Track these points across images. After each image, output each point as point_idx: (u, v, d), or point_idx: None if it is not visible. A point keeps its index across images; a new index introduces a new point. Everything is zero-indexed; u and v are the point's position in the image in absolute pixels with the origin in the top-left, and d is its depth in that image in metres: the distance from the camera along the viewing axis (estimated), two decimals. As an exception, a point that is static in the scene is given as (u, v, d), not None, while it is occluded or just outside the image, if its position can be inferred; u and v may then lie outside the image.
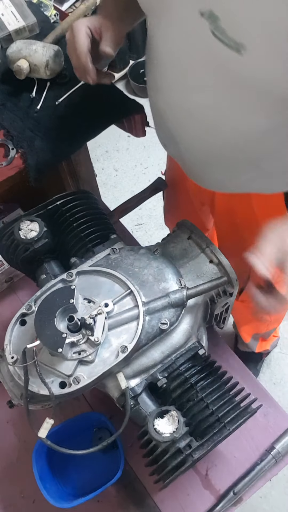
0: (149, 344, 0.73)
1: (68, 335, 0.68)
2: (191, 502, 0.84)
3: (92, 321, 0.69)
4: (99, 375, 0.68)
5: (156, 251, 0.81)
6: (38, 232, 0.82)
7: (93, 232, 0.84)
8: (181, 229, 0.84)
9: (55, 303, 0.70)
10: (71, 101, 1.01)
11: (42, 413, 0.70)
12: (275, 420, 0.89)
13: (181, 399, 0.73)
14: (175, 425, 0.68)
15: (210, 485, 0.85)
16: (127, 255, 0.80)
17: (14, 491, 0.87)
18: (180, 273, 0.78)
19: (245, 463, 0.85)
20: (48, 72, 1.01)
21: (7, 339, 0.72)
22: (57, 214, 0.86)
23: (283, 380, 1.77)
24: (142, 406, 0.72)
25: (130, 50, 2.47)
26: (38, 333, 0.68)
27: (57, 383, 0.68)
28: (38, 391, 0.68)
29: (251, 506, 1.54)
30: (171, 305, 0.74)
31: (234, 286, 0.77)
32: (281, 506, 1.56)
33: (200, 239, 0.80)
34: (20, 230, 0.83)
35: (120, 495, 0.85)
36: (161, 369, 0.74)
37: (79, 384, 0.67)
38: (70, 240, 0.84)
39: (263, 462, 0.84)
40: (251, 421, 0.75)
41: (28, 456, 0.89)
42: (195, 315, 0.78)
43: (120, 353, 0.69)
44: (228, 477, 0.85)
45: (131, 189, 2.25)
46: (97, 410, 0.92)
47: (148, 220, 2.17)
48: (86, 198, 0.89)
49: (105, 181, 2.30)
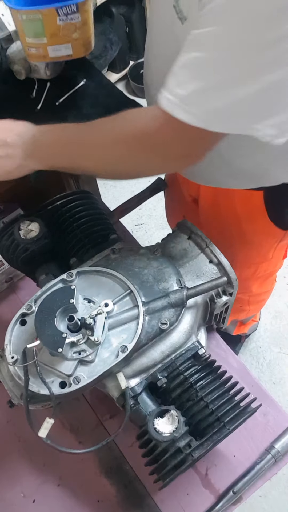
0: (149, 344, 0.73)
1: (68, 335, 0.68)
2: (191, 501, 0.84)
3: (92, 321, 0.69)
4: (99, 375, 0.68)
5: (156, 251, 0.81)
6: (38, 232, 0.82)
7: (93, 232, 0.84)
8: (181, 229, 0.84)
9: (55, 303, 0.70)
10: (71, 102, 1.01)
11: (42, 413, 0.70)
12: (274, 420, 0.89)
13: (181, 398, 0.73)
14: (175, 425, 0.68)
15: (209, 485, 0.85)
16: (127, 255, 0.80)
17: (14, 491, 0.87)
18: (180, 273, 0.78)
19: (244, 463, 0.86)
20: (48, 73, 1.01)
21: (7, 339, 0.72)
22: (57, 214, 0.86)
23: (282, 380, 1.77)
24: (142, 406, 0.72)
25: (130, 50, 2.47)
26: (38, 333, 0.68)
27: (57, 383, 0.68)
28: (38, 391, 0.68)
29: (251, 505, 1.54)
30: (171, 305, 0.74)
31: (234, 286, 0.77)
32: (281, 505, 1.56)
33: (200, 239, 0.81)
34: (20, 230, 0.83)
35: (120, 495, 0.85)
36: (161, 368, 0.75)
37: (79, 384, 0.68)
38: (70, 240, 0.84)
39: (262, 462, 0.84)
40: (251, 420, 0.76)
41: (28, 456, 0.89)
42: (195, 315, 0.78)
43: (120, 353, 0.69)
44: (227, 477, 0.85)
45: (131, 189, 2.24)
46: (97, 410, 0.92)
47: (148, 220, 2.17)
48: (86, 198, 0.89)
49: (105, 181, 2.29)
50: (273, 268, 1.19)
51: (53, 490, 0.86)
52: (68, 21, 0.85)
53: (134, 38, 2.41)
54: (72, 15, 0.85)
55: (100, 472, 0.87)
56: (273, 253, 1.08)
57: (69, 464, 0.88)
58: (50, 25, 0.85)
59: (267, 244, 1.04)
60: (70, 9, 0.84)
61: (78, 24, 0.87)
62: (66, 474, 0.88)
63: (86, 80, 1.04)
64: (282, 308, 1.90)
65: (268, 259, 1.10)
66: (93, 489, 0.86)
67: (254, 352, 1.83)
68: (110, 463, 0.87)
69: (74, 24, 0.86)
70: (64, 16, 0.84)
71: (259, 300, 1.38)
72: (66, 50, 0.90)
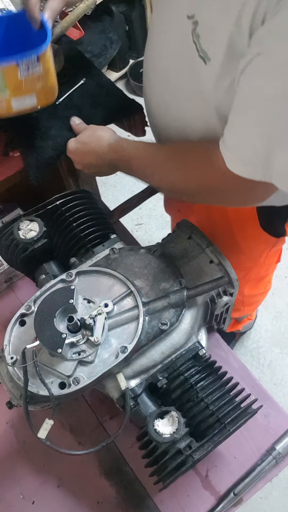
0: (149, 344, 0.73)
1: (68, 336, 0.67)
2: (191, 503, 0.84)
3: (92, 321, 0.69)
4: (99, 376, 0.68)
5: (156, 251, 0.80)
6: (37, 232, 0.82)
7: (93, 232, 0.83)
8: (181, 229, 0.84)
9: (54, 303, 0.70)
10: (71, 101, 1.01)
11: (42, 413, 0.70)
12: (275, 421, 0.89)
13: (181, 399, 0.73)
14: (175, 426, 0.68)
15: (210, 486, 0.84)
16: (127, 255, 0.80)
17: (14, 492, 0.87)
18: (181, 273, 0.78)
19: (245, 464, 0.85)
20: (47, 72, 1.00)
21: (7, 340, 0.72)
22: (56, 214, 0.86)
23: (283, 381, 1.76)
24: (142, 407, 0.72)
25: (130, 49, 2.47)
26: (37, 334, 0.67)
27: (56, 383, 0.68)
28: (38, 391, 0.67)
29: (252, 507, 1.54)
30: (171, 305, 0.74)
31: (234, 286, 0.77)
32: (282, 507, 1.56)
33: (200, 239, 0.80)
34: (19, 230, 0.82)
35: (120, 496, 0.85)
36: (161, 369, 0.74)
37: (79, 385, 0.67)
38: (70, 240, 0.84)
39: (263, 463, 0.84)
40: (252, 421, 0.75)
41: (27, 457, 0.89)
42: (195, 316, 0.78)
43: (120, 354, 0.69)
44: (228, 478, 0.85)
45: (131, 189, 2.24)
46: (97, 410, 0.91)
47: (148, 220, 2.16)
48: (86, 198, 0.89)
49: (105, 180, 2.29)
50: (265, 272, 1.19)
51: (52, 491, 0.86)
52: (29, 75, 0.80)
53: (134, 36, 2.41)
54: (33, 68, 0.79)
55: (100, 473, 0.87)
56: (264, 259, 1.08)
57: (69, 465, 0.87)
58: (11, 80, 0.80)
59: (258, 250, 1.04)
60: (31, 62, 0.78)
61: (41, 75, 0.82)
62: (66, 475, 0.87)
63: (86, 79, 1.03)
64: (283, 308, 1.90)
65: (259, 264, 1.10)
66: (92, 490, 0.86)
67: (255, 352, 1.83)
68: (110, 464, 0.87)
69: (36, 76, 0.81)
70: (26, 70, 0.79)
71: (253, 302, 1.39)
72: (30, 101, 0.85)
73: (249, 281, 1.18)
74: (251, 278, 1.16)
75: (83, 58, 1.08)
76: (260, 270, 1.14)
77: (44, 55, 0.79)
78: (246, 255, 1.04)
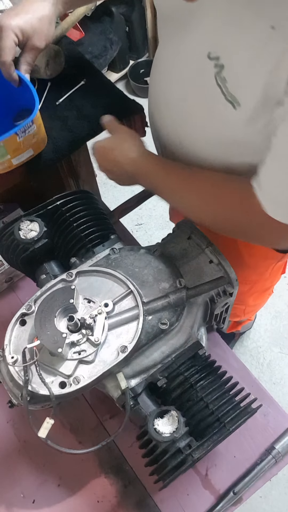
0: (149, 344, 0.73)
1: (68, 335, 0.68)
2: (191, 502, 0.84)
3: (92, 321, 0.69)
4: (99, 375, 0.68)
5: (156, 251, 0.81)
6: (38, 232, 0.82)
7: (93, 232, 0.84)
8: (181, 229, 0.84)
9: (55, 303, 0.70)
10: (71, 102, 1.01)
11: (42, 413, 0.70)
12: (275, 420, 0.89)
13: (181, 399, 0.73)
14: (175, 425, 0.68)
15: (210, 485, 0.85)
16: (127, 255, 0.80)
17: (14, 491, 0.87)
18: (180, 273, 0.78)
19: (245, 463, 0.86)
20: (48, 72, 1.01)
21: (7, 339, 0.72)
22: (57, 214, 0.86)
23: (283, 380, 1.77)
24: (142, 406, 0.72)
25: (130, 50, 2.47)
26: (38, 333, 0.68)
27: (57, 383, 0.68)
28: (38, 391, 0.68)
29: (251, 506, 1.54)
30: (171, 305, 0.74)
31: (234, 286, 0.77)
32: (281, 506, 1.56)
33: (200, 239, 0.80)
34: (20, 230, 0.83)
35: (120, 495, 0.85)
36: (161, 369, 0.74)
37: (79, 384, 0.67)
38: (70, 240, 0.84)
39: (263, 462, 0.84)
40: (251, 421, 0.75)
41: (28, 456, 0.89)
42: (195, 315, 0.78)
43: (120, 353, 0.69)
44: (228, 477, 0.85)
45: (131, 189, 2.24)
46: (97, 410, 0.92)
47: (148, 220, 2.17)
48: (86, 198, 0.89)
49: (105, 181, 2.28)
50: (270, 284, 1.19)
51: (53, 490, 0.86)
52: (26, 136, 0.86)
53: (134, 37, 2.41)
54: (29, 129, 0.85)
55: (100, 472, 0.87)
56: (270, 272, 1.07)
57: (69, 464, 0.88)
58: (12, 145, 0.86)
59: (264, 265, 1.04)
60: (27, 126, 0.84)
61: (35, 131, 0.88)
62: (66, 474, 0.87)
63: (86, 79, 1.04)
64: (282, 308, 1.90)
65: (264, 278, 1.10)
66: (93, 489, 0.86)
67: (254, 352, 1.83)
68: (110, 463, 0.87)
69: (32, 134, 0.87)
70: (23, 133, 0.85)
71: (254, 310, 1.39)
72: (28, 154, 0.91)
73: (255, 293, 1.18)
74: (256, 290, 1.16)
75: (83, 59, 1.08)
76: (265, 283, 1.14)
77: (37, 116, 0.86)
78: (252, 269, 1.04)
